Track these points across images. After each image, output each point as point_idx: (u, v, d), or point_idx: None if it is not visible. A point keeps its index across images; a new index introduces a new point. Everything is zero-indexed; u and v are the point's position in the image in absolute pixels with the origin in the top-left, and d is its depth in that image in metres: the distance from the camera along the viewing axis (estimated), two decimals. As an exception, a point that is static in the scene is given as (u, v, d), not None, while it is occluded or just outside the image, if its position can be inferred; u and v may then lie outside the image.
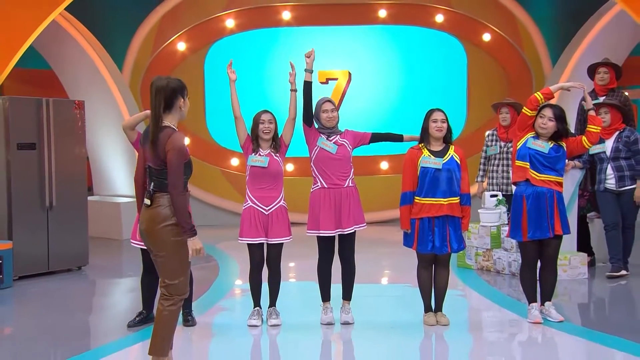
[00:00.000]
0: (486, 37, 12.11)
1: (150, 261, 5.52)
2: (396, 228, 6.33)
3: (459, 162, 5.64)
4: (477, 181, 8.27)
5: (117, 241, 10.47)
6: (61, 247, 8.04)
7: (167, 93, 4.35)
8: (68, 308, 6.68)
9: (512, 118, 7.86)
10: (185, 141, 4.41)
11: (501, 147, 8.00)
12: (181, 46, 12.03)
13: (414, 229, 5.64)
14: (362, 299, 6.32)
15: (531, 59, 12.02)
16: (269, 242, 5.72)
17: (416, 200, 5.63)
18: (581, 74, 9.21)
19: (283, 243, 5.75)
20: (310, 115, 5.76)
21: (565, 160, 5.81)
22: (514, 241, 7.09)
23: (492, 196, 7.89)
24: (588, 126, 5.77)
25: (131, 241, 5.83)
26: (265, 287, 5.81)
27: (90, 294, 7.54)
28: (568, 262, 7.29)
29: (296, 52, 6.09)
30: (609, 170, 7.42)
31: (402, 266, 7.93)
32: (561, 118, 5.70)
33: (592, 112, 5.84)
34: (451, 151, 5.65)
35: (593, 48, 10.72)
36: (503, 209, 7.79)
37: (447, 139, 5.68)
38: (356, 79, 12.04)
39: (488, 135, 8.25)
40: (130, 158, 11.06)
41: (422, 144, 5.70)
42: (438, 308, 5.78)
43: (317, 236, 5.75)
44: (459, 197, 5.62)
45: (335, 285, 5.88)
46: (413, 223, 5.64)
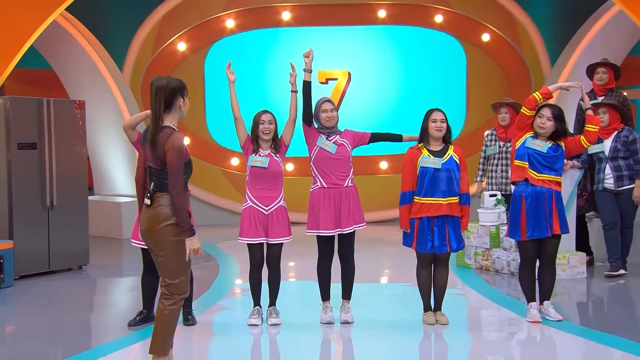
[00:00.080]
0: (485, 37, 12.13)
1: (150, 260, 5.53)
2: (396, 227, 6.34)
3: (458, 162, 5.65)
4: (476, 181, 8.29)
5: (118, 240, 10.48)
6: (62, 247, 8.05)
7: (167, 93, 4.35)
8: (69, 307, 6.70)
9: (511, 118, 7.88)
10: (185, 141, 4.41)
11: (500, 147, 8.02)
12: (181, 46, 12.04)
13: (414, 229, 5.65)
14: (362, 298, 6.34)
15: (530, 59, 12.03)
16: (269, 242, 5.74)
17: (415, 199, 5.64)
18: (580, 74, 9.23)
19: (283, 243, 5.76)
20: (309, 115, 5.76)
21: (564, 159, 5.81)
22: (513, 240, 7.10)
23: (491, 196, 7.90)
24: (586, 126, 5.78)
25: (132, 241, 5.84)
26: (265, 287, 5.82)
27: (90, 293, 7.55)
28: (567, 262, 7.31)
29: (296, 53, 6.10)
30: (608, 170, 7.44)
31: (402, 265, 7.93)
32: (560, 118, 5.71)
33: (590, 112, 5.86)
34: (450, 151, 5.67)
35: (592, 48, 10.73)
36: (502, 209, 7.80)
37: (447, 139, 5.69)
38: (356, 79, 12.05)
39: (487, 135, 8.26)
40: (130, 158, 11.07)
41: (422, 144, 5.70)
42: (437, 307, 5.79)
43: (317, 236, 5.76)
44: (458, 197, 5.63)
45: (334, 284, 5.89)
46: (412, 222, 5.65)
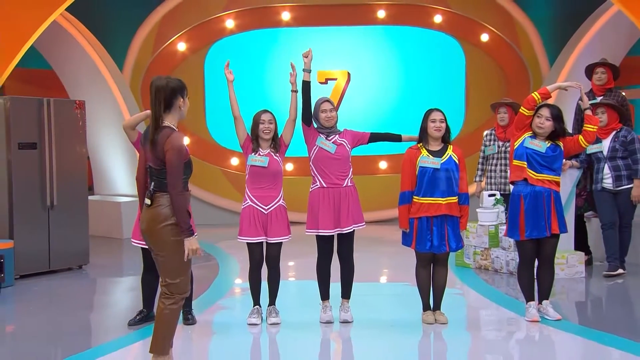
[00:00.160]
0: (484, 38, 12.14)
1: (150, 260, 5.54)
2: (395, 227, 6.35)
3: (458, 162, 5.66)
4: (476, 181, 8.30)
5: (118, 240, 10.49)
6: (62, 246, 8.07)
7: (167, 93, 4.36)
8: (69, 306, 6.71)
9: (510, 118, 7.90)
10: (184, 141, 4.42)
11: (499, 147, 8.03)
12: (181, 46, 12.06)
13: (413, 228, 5.66)
14: (361, 298, 6.35)
15: (529, 59, 12.04)
16: (269, 241, 5.75)
17: (415, 199, 5.65)
18: (579, 74, 9.25)
19: (282, 242, 5.77)
20: (309, 114, 5.77)
21: (562, 159, 5.82)
22: (512, 240, 7.11)
23: (490, 195, 7.92)
24: (585, 125, 5.78)
25: (132, 240, 5.84)
26: (264, 286, 5.83)
27: (91, 293, 7.56)
28: (565, 261, 7.32)
29: (296, 53, 6.11)
30: (606, 169, 7.46)
31: (401, 265, 7.95)
32: (558, 118, 5.72)
33: (589, 112, 5.87)
34: (449, 151, 5.68)
35: (590, 48, 10.74)
36: (501, 208, 7.81)
37: (446, 139, 5.70)
38: (355, 79, 12.07)
39: (486, 135, 8.28)
40: (130, 158, 11.10)
41: (421, 144, 5.72)
42: (436, 307, 5.81)
43: (316, 235, 5.76)
44: (458, 197, 5.64)
45: (334, 283, 5.90)
46: (412, 222, 5.66)
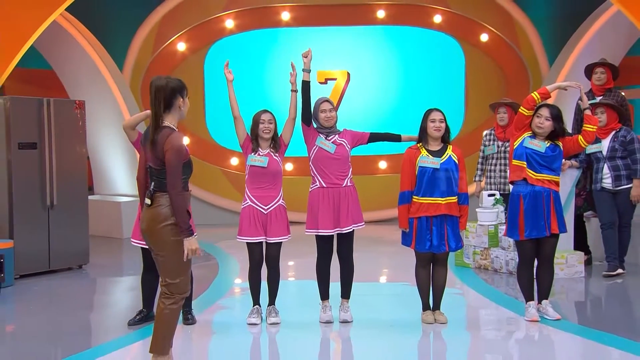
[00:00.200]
0: (484, 38, 12.15)
1: (150, 260, 5.55)
2: (394, 227, 6.35)
3: (457, 162, 5.66)
4: (475, 180, 8.31)
5: (118, 240, 10.50)
6: (62, 246, 8.07)
7: (167, 93, 4.37)
8: (69, 306, 6.71)
9: (510, 118, 7.91)
10: (184, 141, 4.42)
11: (499, 147, 8.04)
12: (181, 46, 12.07)
13: (412, 228, 5.66)
14: (361, 298, 6.36)
15: (528, 59, 12.05)
16: (268, 241, 5.75)
17: (414, 199, 5.66)
18: (578, 74, 9.26)
19: (282, 242, 5.78)
20: (308, 114, 5.77)
21: (561, 159, 5.83)
22: (512, 240, 7.12)
23: (490, 195, 7.93)
24: (584, 125, 5.79)
25: (131, 240, 5.85)
26: (264, 286, 5.83)
27: (91, 293, 7.56)
28: (565, 261, 7.33)
29: (295, 53, 6.12)
30: (606, 169, 7.46)
31: (401, 265, 7.97)
32: (558, 117, 5.73)
33: (588, 112, 5.88)
34: (449, 151, 5.68)
35: (590, 48, 10.75)
36: (500, 208, 7.82)
37: (445, 139, 5.70)
38: (355, 79, 12.07)
39: (486, 134, 8.28)
40: (130, 158, 11.10)
41: (420, 144, 5.72)
42: (436, 306, 5.82)
43: (316, 235, 5.77)
44: (457, 197, 5.65)
45: (334, 283, 5.90)
46: (411, 222, 5.67)
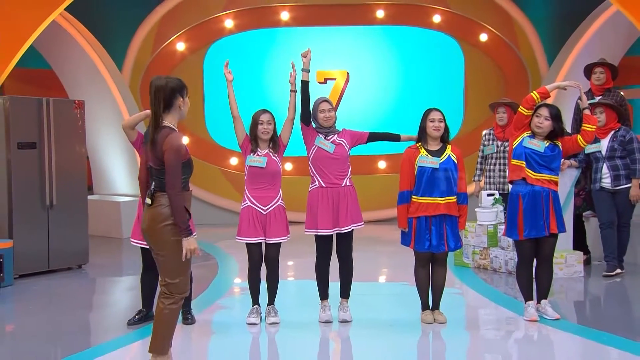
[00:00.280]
0: (483, 38, 12.16)
1: (150, 259, 5.56)
2: (394, 227, 6.36)
3: (456, 162, 5.66)
4: (474, 180, 8.31)
5: (117, 240, 10.50)
6: (61, 246, 8.07)
7: (166, 93, 4.37)
8: (68, 306, 6.72)
9: (509, 117, 7.91)
10: (183, 141, 4.43)
11: (498, 147, 8.04)
12: (180, 46, 12.07)
13: (412, 228, 5.67)
14: (360, 297, 6.36)
15: (528, 59, 12.06)
16: (268, 242, 5.75)
17: (413, 199, 5.66)
18: (577, 74, 9.26)
19: (281, 242, 5.78)
20: (307, 114, 5.77)
21: (560, 159, 5.83)
22: (511, 240, 7.13)
23: (489, 195, 7.93)
24: (583, 125, 5.79)
25: (131, 240, 5.85)
26: (263, 286, 5.84)
27: (90, 292, 7.56)
28: (564, 261, 7.34)
29: (295, 52, 6.12)
30: (605, 169, 7.47)
31: (400, 264, 7.98)
32: (557, 117, 5.73)
33: (588, 111, 5.88)
34: (448, 150, 5.69)
35: (589, 48, 10.76)
36: (500, 208, 7.83)
37: (445, 139, 5.70)
38: (354, 79, 12.08)
39: (485, 134, 8.29)
40: (129, 157, 11.11)
41: (420, 144, 5.72)
42: (435, 306, 5.82)
43: (315, 235, 5.77)
44: (456, 196, 5.65)
45: (333, 283, 5.90)
46: (410, 222, 5.67)
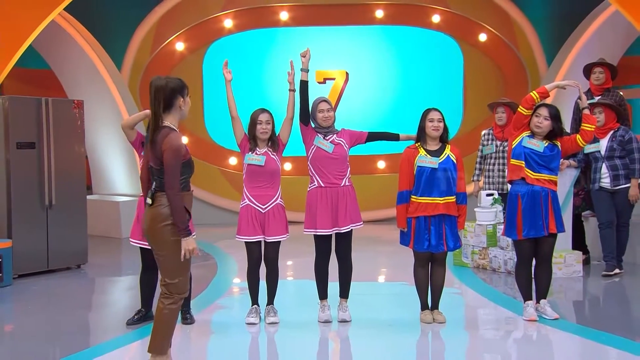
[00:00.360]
0: (482, 38, 12.16)
1: (149, 259, 5.57)
2: (393, 226, 6.36)
3: (455, 162, 5.66)
4: (473, 180, 8.31)
5: (117, 240, 10.50)
6: (61, 246, 8.07)
7: (166, 93, 4.36)
8: (67, 306, 6.71)
9: (508, 117, 7.91)
10: (183, 141, 4.42)
11: (497, 147, 8.05)
12: (180, 46, 12.07)
13: (411, 228, 5.67)
14: (359, 297, 6.36)
15: (527, 59, 12.07)
16: (267, 240, 5.75)
17: (412, 199, 5.66)
18: (576, 74, 9.26)
19: (280, 241, 5.78)
20: (306, 114, 5.77)
21: (560, 159, 5.83)
22: (510, 239, 7.13)
23: (488, 195, 7.93)
24: (582, 125, 5.80)
25: (130, 240, 5.85)
26: (263, 285, 5.84)
27: (89, 292, 7.56)
28: (563, 260, 7.34)
29: (294, 52, 6.12)
30: (604, 169, 7.47)
31: (399, 264, 7.98)
32: (556, 117, 5.73)
33: (587, 111, 5.88)
34: (447, 150, 5.69)
35: (588, 48, 10.77)
36: (499, 208, 7.83)
37: (444, 139, 5.71)
38: (353, 79, 12.08)
39: (484, 134, 8.29)
40: (129, 157, 11.11)
41: (419, 143, 5.73)
42: (434, 306, 5.82)
43: (314, 235, 5.77)
44: (455, 196, 5.65)
45: (332, 283, 5.91)
46: (409, 222, 5.67)
